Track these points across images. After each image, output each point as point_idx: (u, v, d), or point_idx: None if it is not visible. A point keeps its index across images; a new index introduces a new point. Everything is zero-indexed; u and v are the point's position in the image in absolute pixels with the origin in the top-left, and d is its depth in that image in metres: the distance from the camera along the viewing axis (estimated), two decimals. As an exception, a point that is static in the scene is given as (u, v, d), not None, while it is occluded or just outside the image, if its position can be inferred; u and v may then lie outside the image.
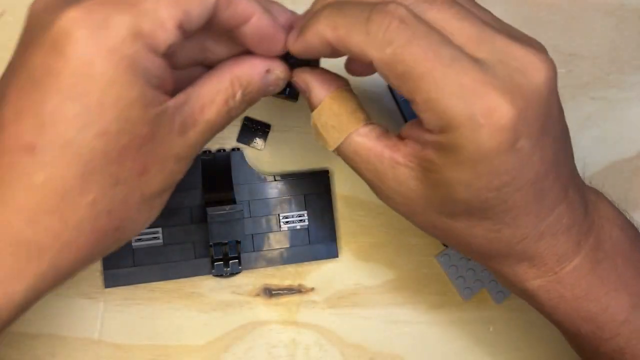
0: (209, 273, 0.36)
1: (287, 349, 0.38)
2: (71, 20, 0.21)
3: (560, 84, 0.41)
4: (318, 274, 0.38)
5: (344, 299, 0.39)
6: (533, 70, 0.24)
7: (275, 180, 0.37)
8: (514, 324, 0.40)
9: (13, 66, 0.23)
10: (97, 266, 0.36)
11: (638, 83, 0.42)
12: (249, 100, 0.28)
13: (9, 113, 0.21)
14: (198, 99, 0.25)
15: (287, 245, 0.37)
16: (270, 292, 0.38)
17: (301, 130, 0.38)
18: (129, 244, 0.35)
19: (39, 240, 0.21)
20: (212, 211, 0.32)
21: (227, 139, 0.38)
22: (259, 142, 0.38)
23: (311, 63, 0.29)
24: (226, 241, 0.35)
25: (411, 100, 0.25)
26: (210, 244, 0.35)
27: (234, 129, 0.38)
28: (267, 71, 0.27)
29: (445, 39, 0.24)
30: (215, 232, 0.33)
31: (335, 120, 0.28)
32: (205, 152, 0.37)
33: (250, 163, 0.37)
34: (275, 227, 0.37)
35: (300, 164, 0.38)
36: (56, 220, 0.21)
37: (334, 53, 0.26)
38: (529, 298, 0.31)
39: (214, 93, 0.26)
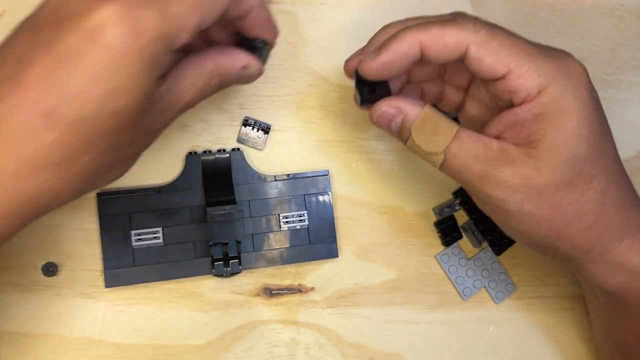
0: (209, 273, 0.36)
1: (287, 348, 0.38)
2: (110, 14, 0.23)
3: (559, 84, 0.41)
4: (318, 273, 0.38)
5: (344, 298, 0.39)
6: (572, 63, 0.30)
7: (275, 180, 0.38)
8: (514, 324, 0.40)
9: (40, 35, 0.24)
10: (98, 266, 0.36)
11: (637, 83, 0.42)
12: (221, 87, 0.30)
13: (34, 77, 0.24)
14: (181, 83, 0.28)
15: (287, 245, 0.37)
16: (270, 292, 0.38)
17: (301, 130, 0.39)
18: (129, 244, 0.35)
19: (38, 187, 0.25)
20: (212, 211, 0.32)
21: (228, 139, 0.38)
22: (259, 142, 0.38)
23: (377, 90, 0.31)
24: (226, 241, 0.35)
25: (506, 72, 0.28)
26: (211, 243, 0.35)
27: (234, 129, 0.38)
28: (244, 67, 0.30)
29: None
30: (216, 232, 0.33)
31: (438, 127, 0.30)
32: (205, 152, 0.37)
33: (250, 163, 0.37)
34: (275, 227, 0.37)
35: (300, 164, 0.38)
36: (56, 172, 0.25)
37: (414, 62, 0.29)
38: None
39: (195, 78, 0.28)
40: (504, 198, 0.29)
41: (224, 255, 0.36)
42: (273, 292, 0.38)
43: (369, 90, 0.31)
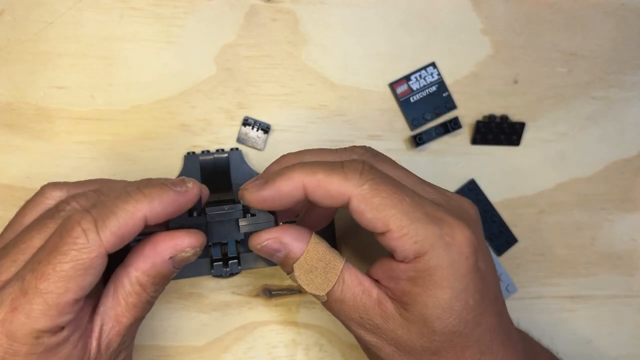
0: (208, 273, 0.36)
1: (287, 349, 0.38)
2: None
3: (560, 83, 0.41)
4: (318, 274, 0.38)
5: (344, 299, 0.38)
6: (468, 207, 0.30)
7: None
8: (514, 324, 0.40)
9: None
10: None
11: (638, 83, 0.42)
12: (164, 283, 0.29)
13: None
14: (111, 312, 0.28)
15: None
16: (270, 293, 0.38)
17: (301, 130, 0.38)
18: (128, 246, 0.35)
19: None
20: (211, 211, 0.32)
21: (227, 139, 0.38)
22: (259, 142, 0.38)
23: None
24: (225, 241, 0.35)
25: (386, 230, 0.27)
26: (209, 244, 0.35)
27: (234, 128, 0.38)
28: (171, 258, 0.28)
29: (402, 183, 0.29)
30: (215, 232, 0.32)
31: (323, 263, 0.29)
32: (204, 152, 0.37)
33: (250, 163, 0.37)
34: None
35: (300, 164, 0.38)
36: None
37: (298, 202, 0.28)
38: None
39: (123, 298, 0.28)
40: (377, 346, 0.29)
41: (222, 256, 0.35)
42: (273, 292, 0.38)
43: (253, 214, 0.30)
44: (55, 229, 0.26)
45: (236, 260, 0.36)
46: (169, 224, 0.29)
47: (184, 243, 0.28)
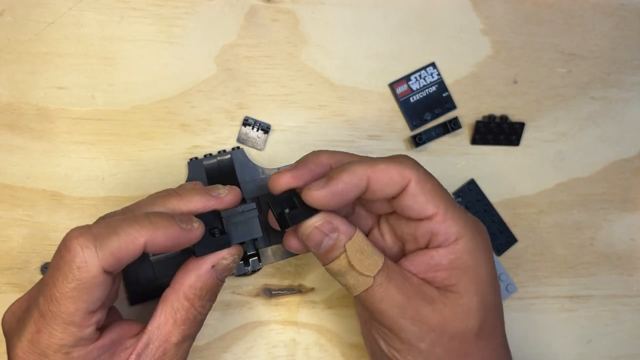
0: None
1: (287, 349, 0.38)
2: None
3: (560, 83, 0.41)
4: (318, 274, 0.38)
5: (344, 299, 0.38)
6: (479, 221, 0.32)
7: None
8: (515, 324, 0.40)
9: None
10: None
11: (638, 83, 0.42)
12: (212, 297, 0.30)
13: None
14: (159, 331, 0.29)
15: None
16: (270, 292, 0.38)
17: (301, 130, 0.38)
18: (147, 258, 0.35)
19: None
20: (226, 214, 0.31)
21: (228, 139, 0.38)
22: (259, 142, 0.38)
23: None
24: (245, 240, 0.34)
25: (434, 213, 0.30)
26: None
27: (234, 128, 0.38)
28: (213, 267, 0.30)
29: None
30: (234, 234, 0.32)
31: (370, 247, 0.30)
32: (206, 156, 0.36)
33: (254, 160, 0.37)
34: None
35: (300, 164, 0.38)
36: None
37: (359, 195, 0.29)
38: None
39: (171, 315, 0.29)
40: (418, 335, 0.29)
41: (243, 254, 0.35)
42: (273, 292, 0.38)
43: (292, 208, 0.30)
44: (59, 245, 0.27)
45: (256, 257, 0.35)
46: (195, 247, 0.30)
47: (222, 252, 0.30)
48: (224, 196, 0.30)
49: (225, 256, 0.30)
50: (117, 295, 0.31)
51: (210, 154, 0.37)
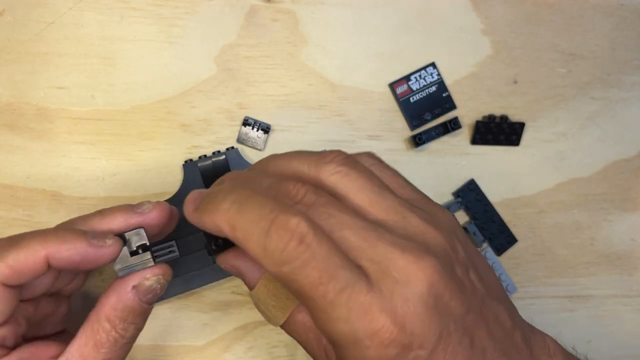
0: (231, 275, 0.36)
1: (287, 349, 0.38)
2: None
3: (560, 84, 0.41)
4: (318, 274, 0.38)
5: (344, 299, 0.38)
6: (414, 280, 0.24)
7: None
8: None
9: None
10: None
11: (638, 83, 0.42)
12: (135, 320, 0.28)
13: None
14: (78, 354, 0.27)
15: None
16: (270, 292, 0.38)
17: (301, 130, 0.38)
18: None
19: None
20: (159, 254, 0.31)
21: (228, 139, 0.38)
22: (259, 142, 0.38)
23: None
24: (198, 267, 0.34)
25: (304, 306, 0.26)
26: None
27: (234, 129, 0.38)
28: (134, 287, 0.28)
29: (343, 261, 0.23)
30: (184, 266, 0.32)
31: (275, 300, 0.28)
32: (201, 157, 0.36)
33: (249, 160, 0.37)
34: None
35: (301, 164, 0.38)
36: None
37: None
38: None
39: (92, 337, 0.27)
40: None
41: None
42: (273, 292, 0.38)
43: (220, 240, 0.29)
44: None
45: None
46: None
47: (144, 271, 0.28)
48: (148, 212, 0.29)
49: (147, 276, 0.28)
50: (64, 320, 0.30)
51: (205, 156, 0.37)
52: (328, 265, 0.23)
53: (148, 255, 0.28)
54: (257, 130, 0.38)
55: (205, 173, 0.36)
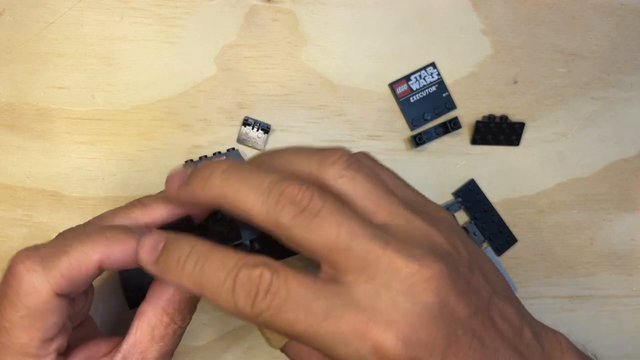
0: None
1: (287, 349, 0.38)
2: None
3: (560, 84, 0.41)
4: (318, 274, 0.38)
5: (344, 299, 0.38)
6: (418, 290, 0.23)
7: None
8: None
9: None
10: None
11: (638, 83, 0.42)
12: (192, 309, 0.28)
13: None
14: (134, 349, 0.26)
15: None
16: (270, 292, 0.38)
17: (301, 130, 0.38)
18: None
19: None
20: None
21: (228, 139, 0.38)
22: (259, 142, 0.38)
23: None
24: (255, 237, 0.32)
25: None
26: (242, 242, 0.33)
27: (234, 129, 0.38)
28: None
29: (317, 291, 0.23)
30: (244, 230, 0.31)
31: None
32: (201, 158, 0.36)
33: (247, 159, 0.37)
34: None
35: (300, 164, 0.38)
36: None
37: None
38: None
39: (148, 332, 0.26)
40: None
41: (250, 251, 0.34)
42: (273, 292, 0.38)
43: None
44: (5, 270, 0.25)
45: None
46: None
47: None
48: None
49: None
50: (89, 309, 0.30)
51: (205, 156, 0.37)
52: (300, 303, 0.22)
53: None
54: (257, 130, 0.38)
55: None
